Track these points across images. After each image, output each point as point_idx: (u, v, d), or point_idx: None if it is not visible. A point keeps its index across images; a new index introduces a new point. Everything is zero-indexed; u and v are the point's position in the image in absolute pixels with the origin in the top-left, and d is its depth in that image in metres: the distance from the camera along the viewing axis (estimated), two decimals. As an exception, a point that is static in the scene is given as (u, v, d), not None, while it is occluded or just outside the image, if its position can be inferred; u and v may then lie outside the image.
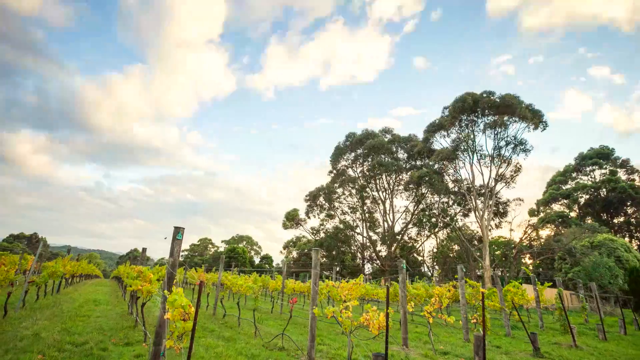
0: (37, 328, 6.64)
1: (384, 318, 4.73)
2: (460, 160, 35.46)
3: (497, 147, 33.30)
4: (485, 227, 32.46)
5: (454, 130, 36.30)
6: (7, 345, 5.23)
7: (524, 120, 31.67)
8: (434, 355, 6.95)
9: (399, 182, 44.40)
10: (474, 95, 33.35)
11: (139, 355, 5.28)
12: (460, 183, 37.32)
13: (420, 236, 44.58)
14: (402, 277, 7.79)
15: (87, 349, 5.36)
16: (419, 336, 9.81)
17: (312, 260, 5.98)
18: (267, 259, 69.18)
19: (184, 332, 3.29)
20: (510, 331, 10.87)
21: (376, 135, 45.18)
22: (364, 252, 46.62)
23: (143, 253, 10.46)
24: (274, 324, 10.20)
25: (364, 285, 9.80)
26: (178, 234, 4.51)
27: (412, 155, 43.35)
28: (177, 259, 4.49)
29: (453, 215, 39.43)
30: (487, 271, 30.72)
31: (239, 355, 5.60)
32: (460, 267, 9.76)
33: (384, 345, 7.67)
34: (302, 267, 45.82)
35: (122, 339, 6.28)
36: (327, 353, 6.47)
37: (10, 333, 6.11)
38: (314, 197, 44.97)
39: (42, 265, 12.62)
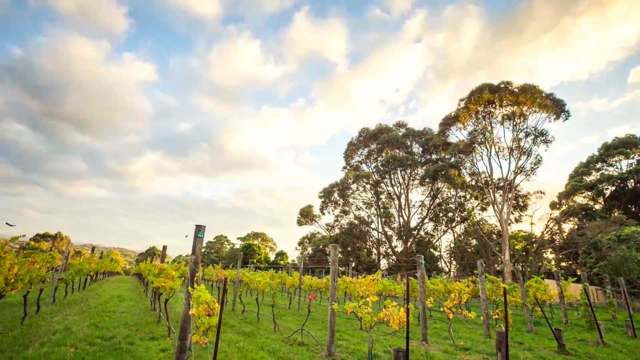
0: (67, 323, 6.95)
1: (404, 313, 4.71)
2: (478, 153, 34.65)
3: (516, 139, 32.35)
4: (505, 221, 31.69)
5: (470, 122, 35.48)
6: (42, 338, 5.49)
7: (544, 110, 30.62)
8: (454, 351, 6.88)
9: (414, 176, 43.84)
10: (491, 86, 32.46)
11: (164, 349, 5.45)
12: (477, 176, 36.52)
13: (436, 231, 43.98)
14: (421, 273, 7.72)
15: (115, 343, 5.56)
16: (438, 332, 9.72)
17: (330, 257, 6.00)
18: (282, 255, 69.83)
19: (209, 327, 3.37)
20: (532, 327, 10.62)
21: (390, 130, 44.67)
22: (379, 247, 46.40)
23: (163, 251, 10.74)
24: (292, 320, 10.31)
25: (382, 281, 9.77)
26: (199, 232, 4.60)
27: (427, 149, 42.67)
28: (199, 257, 4.59)
29: (470, 210, 38.66)
30: (506, 266, 30.04)
31: (260, 350, 5.69)
32: (480, 262, 9.58)
33: (404, 341, 7.64)
34: (317, 263, 46.02)
35: (148, 334, 6.49)
36: (346, 348, 6.49)
37: (44, 327, 6.41)
38: (328, 194, 44.98)
39: (68, 263, 13.16)
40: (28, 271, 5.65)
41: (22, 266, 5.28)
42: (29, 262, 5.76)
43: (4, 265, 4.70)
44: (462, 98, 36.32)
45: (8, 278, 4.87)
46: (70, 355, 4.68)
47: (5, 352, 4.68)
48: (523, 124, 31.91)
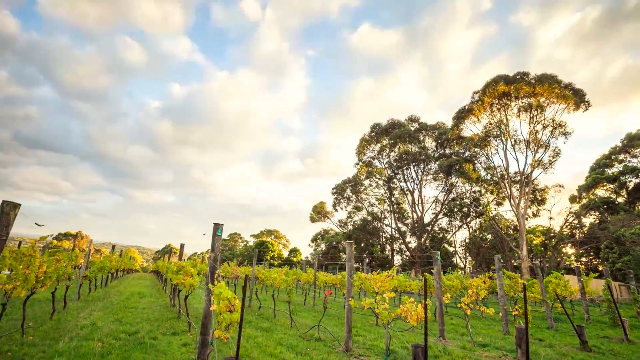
0: (93, 318, 7.21)
1: (422, 309, 4.70)
2: (493, 147, 33.92)
3: (534, 132, 31.50)
4: (522, 215, 31.00)
5: (485, 115, 34.72)
6: (70, 333, 5.73)
7: (563, 101, 29.68)
8: (472, 347, 6.82)
9: (427, 171, 43.32)
10: (506, 78, 31.65)
11: (185, 344, 5.59)
12: (493, 170, 35.78)
13: (451, 226, 43.40)
14: (437, 269, 7.66)
15: (139, 338, 5.75)
16: (455, 328, 9.64)
17: (347, 253, 6.02)
18: (296, 252, 70.30)
19: (231, 322, 3.44)
20: (553, 324, 10.40)
21: (402, 125, 44.18)
22: (392, 243, 46.15)
23: (181, 249, 10.99)
24: (307, 316, 10.41)
25: (397, 277, 9.74)
26: (218, 230, 4.69)
27: (440, 143, 42.05)
28: (218, 254, 4.68)
29: (486, 204, 37.96)
30: (524, 261, 29.42)
31: (278, 345, 5.78)
32: (497, 257, 9.43)
33: (421, 337, 7.63)
34: (330, 259, 46.14)
35: (169, 329, 6.68)
36: (363, 344, 6.52)
37: (71, 322, 6.68)
38: (341, 190, 44.94)
39: (90, 261, 13.62)
40: (55, 269, 5.88)
41: (50, 264, 5.50)
42: (55, 260, 6.00)
43: (34, 263, 4.92)
44: (476, 91, 35.55)
45: (38, 276, 5.09)
46: (98, 349, 4.87)
47: (38, 345, 4.91)
48: (540, 115, 31.04)
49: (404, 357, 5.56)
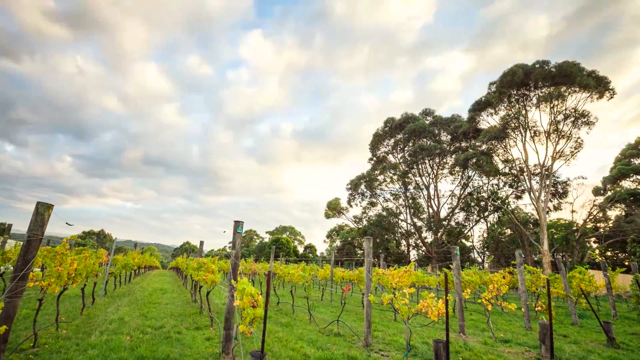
0: (120, 313, 7.50)
1: (442, 305, 4.67)
2: (511, 139, 32.98)
3: (554, 122, 30.44)
4: (542, 209, 30.12)
5: (502, 107, 33.79)
6: (100, 327, 5.99)
7: (585, 89, 28.53)
8: (494, 342, 6.73)
9: (443, 165, 42.63)
10: (524, 67, 30.66)
11: (209, 338, 5.75)
12: (511, 163, 34.86)
13: (468, 221, 42.63)
14: (457, 264, 7.58)
15: (164, 332, 5.95)
16: (475, 324, 9.52)
17: (364, 249, 6.04)
18: (311, 248, 70.67)
19: (254, 317, 3.53)
20: (577, 320, 10.13)
21: (416, 119, 43.54)
22: (408, 239, 45.77)
23: (200, 247, 11.25)
24: (325, 311, 10.50)
25: (415, 273, 9.68)
26: (238, 228, 4.80)
27: (456, 136, 41.23)
28: (239, 251, 4.78)
29: (504, 198, 37.09)
30: (545, 256, 28.65)
31: (299, 340, 5.87)
32: (518, 252, 9.24)
33: (440, 333, 7.59)
34: (346, 255, 46.20)
35: (192, 324, 6.88)
36: (382, 339, 6.54)
37: (100, 317, 6.97)
38: (355, 186, 44.80)
39: (113, 259, 14.12)
40: (84, 266, 6.14)
41: (80, 262, 5.75)
42: (84, 258, 6.26)
43: (65, 261, 5.15)
44: (493, 82, 34.62)
45: (69, 273, 5.33)
46: (127, 343, 5.08)
47: (72, 339, 5.16)
48: (561, 105, 29.94)
49: (424, 353, 5.55)
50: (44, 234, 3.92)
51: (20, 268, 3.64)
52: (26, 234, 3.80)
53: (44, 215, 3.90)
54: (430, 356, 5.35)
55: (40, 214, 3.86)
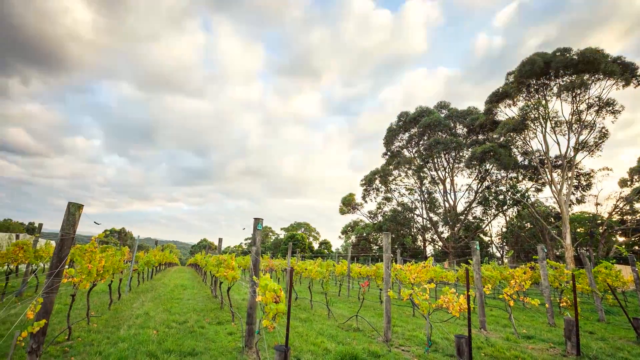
0: (145, 308, 7.77)
1: (464, 300, 4.63)
2: (531, 130, 31.95)
3: (576, 112, 29.29)
4: (564, 202, 29.16)
5: (521, 97, 32.75)
6: (128, 322, 6.23)
7: (610, 77, 27.29)
8: (517, 339, 6.62)
9: (459, 159, 41.78)
10: (544, 56, 29.58)
11: (231, 333, 5.90)
12: (531, 155, 33.82)
13: (486, 215, 41.72)
14: (477, 259, 7.47)
15: (188, 327, 6.14)
16: (496, 319, 9.38)
17: (383, 245, 6.03)
18: (326, 244, 70.87)
19: (277, 312, 3.60)
20: (603, 316, 9.82)
21: (431, 112, 42.77)
22: (424, 234, 45.25)
23: (219, 243, 11.47)
24: (343, 307, 10.55)
25: (434, 268, 9.59)
26: (258, 225, 4.88)
27: (472, 129, 40.32)
28: (259, 247, 4.87)
29: (524, 192, 36.06)
30: (568, 251, 27.78)
31: (319, 335, 5.94)
32: (541, 247, 9.01)
33: (460, 328, 7.51)
34: (361, 251, 46.12)
35: (214, 319, 7.06)
36: (402, 334, 6.54)
37: (127, 312, 7.25)
38: (370, 181, 44.54)
39: (135, 256, 14.60)
40: (111, 263, 6.38)
41: (107, 259, 5.98)
42: (111, 255, 6.50)
43: (95, 258, 5.37)
44: (511, 71, 33.58)
45: (98, 270, 5.55)
46: (154, 336, 5.26)
47: (102, 332, 5.39)
48: (584, 94, 28.75)
49: (445, 348, 5.52)
50: (75, 233, 4.10)
51: (55, 265, 3.82)
52: (59, 233, 3.99)
53: (75, 214, 4.07)
54: (451, 352, 5.31)
55: (71, 214, 4.04)
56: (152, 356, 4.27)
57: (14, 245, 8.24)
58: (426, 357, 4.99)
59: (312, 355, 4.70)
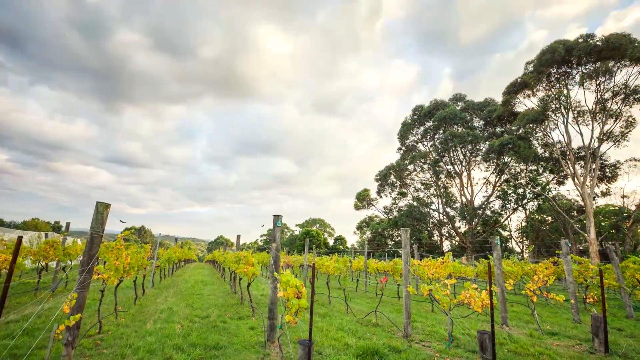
0: (169, 304, 8.01)
1: (486, 296, 4.57)
2: (552, 121, 30.88)
3: (601, 100, 28.10)
4: (588, 195, 28.13)
5: (540, 87, 31.65)
6: (153, 316, 6.44)
7: (638, 63, 26.01)
8: (540, 335, 6.48)
9: (476, 152, 40.87)
10: (566, 43, 28.46)
11: (252, 328, 6.01)
12: (552, 147, 32.73)
13: (505, 209, 40.74)
14: (497, 254, 7.33)
15: (211, 322, 6.30)
16: (518, 315, 9.20)
17: (402, 240, 6.00)
18: (341, 240, 70.93)
19: (299, 308, 3.65)
20: (632, 312, 9.47)
21: (446, 105, 41.95)
22: (441, 229, 44.64)
23: (238, 240, 11.66)
24: (361, 302, 10.57)
25: (452, 264, 9.47)
26: (277, 222, 4.94)
27: (490, 121, 39.33)
28: (279, 244, 4.93)
29: (545, 184, 35.00)
30: (592, 245, 26.83)
31: (339, 330, 5.99)
32: (564, 241, 8.76)
33: (480, 324, 7.41)
34: (376, 246, 45.92)
35: (235, 314, 7.21)
36: (422, 330, 6.51)
37: (151, 307, 7.49)
38: (384, 176, 44.20)
39: (157, 253, 15.03)
40: (136, 260, 6.60)
41: (132, 256, 6.19)
42: (136, 252, 6.72)
43: (121, 256, 5.57)
44: (530, 61, 32.48)
45: (124, 266, 5.76)
46: (179, 330, 5.43)
47: (130, 326, 5.60)
48: (609, 82, 27.52)
49: (467, 344, 5.47)
50: (104, 231, 4.26)
51: (86, 262, 3.99)
52: (89, 232, 4.16)
53: (103, 213, 4.23)
54: (473, 347, 5.26)
55: (100, 213, 4.20)
56: (179, 349, 4.42)
57: (45, 243, 8.63)
58: (448, 353, 4.95)
59: (334, 350, 4.75)
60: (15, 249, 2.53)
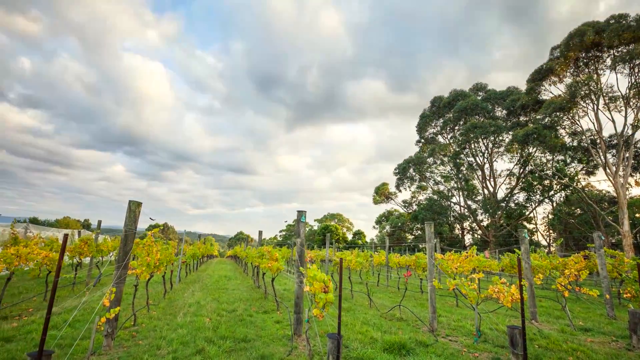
0: (196, 298, 8.27)
1: (516, 290, 4.46)
2: (580, 109, 29.41)
3: (635, 85, 26.49)
4: (621, 185, 26.72)
5: (568, 73, 30.21)
6: (183, 310, 6.68)
7: (675, 43, 24.33)
8: (573, 331, 6.27)
9: (499, 143, 39.56)
10: (595, 25, 26.94)
11: (278, 321, 6.13)
12: (580, 136, 31.21)
13: (530, 202, 39.36)
14: (525, 248, 7.12)
15: (237, 315, 6.46)
16: (547, 311, 8.92)
17: (426, 234, 5.93)
18: (360, 235, 70.77)
19: (326, 302, 3.69)
20: (672, 307, 8.99)
21: (467, 95, 40.77)
22: (462, 222, 43.70)
23: (259, 236, 11.85)
24: (383, 296, 10.55)
25: (477, 258, 9.27)
26: (302, 217, 4.98)
27: (513, 111, 37.91)
28: (304, 239, 4.98)
29: (573, 175, 33.52)
30: (626, 238, 25.54)
31: (363, 325, 6.01)
32: (597, 234, 8.39)
33: (508, 319, 7.24)
34: (396, 241, 45.51)
35: (260, 308, 7.36)
36: (447, 325, 6.44)
37: (180, 301, 7.77)
38: (403, 170, 43.60)
39: (180, 249, 15.50)
40: (165, 256, 6.85)
41: (162, 252, 6.42)
42: (165, 248, 6.97)
43: (152, 252, 5.80)
44: (556, 46, 31.01)
45: (155, 262, 5.99)
46: (208, 323, 5.61)
47: (162, 319, 5.83)
48: (644, 64, 25.91)
49: (495, 339, 5.37)
50: (136, 229, 4.44)
51: (122, 258, 4.18)
52: (123, 229, 4.35)
53: (135, 212, 4.41)
54: (501, 343, 5.16)
55: (132, 211, 4.38)
56: (210, 342, 4.57)
57: (80, 240, 9.08)
58: (476, 348, 4.88)
59: (360, 344, 4.78)
60: (62, 246, 2.69)
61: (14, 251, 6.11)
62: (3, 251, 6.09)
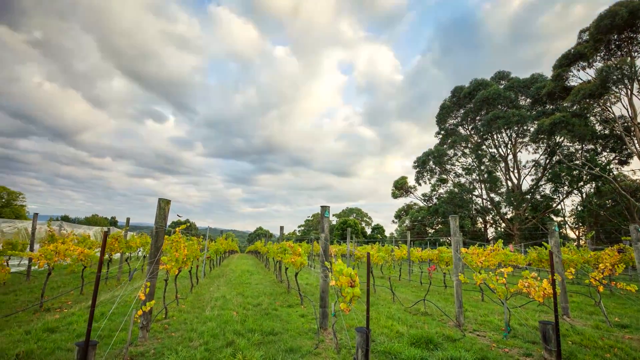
0: (221, 292, 8.49)
1: (548, 285, 4.31)
2: (612, 94, 27.83)
3: (673, 67, 24.81)
4: (658, 174, 25.20)
5: (598, 57, 28.61)
6: (210, 304, 6.88)
7: None
8: (608, 327, 6.01)
9: (523, 134, 38.11)
10: (629, 4, 25.31)
11: (302, 315, 6.21)
12: (612, 123, 29.60)
13: (557, 193, 37.79)
14: (555, 241, 6.86)
15: (263, 309, 6.59)
16: (579, 306, 8.59)
17: (451, 228, 5.82)
18: (379, 229, 70.29)
19: (353, 296, 3.70)
20: None
21: (488, 84, 39.40)
22: (485, 215, 42.56)
23: (281, 231, 11.99)
24: (405, 291, 10.48)
25: (503, 251, 9.01)
26: (325, 212, 5.00)
27: (538, 99, 36.34)
28: (328, 234, 5.00)
29: (604, 165, 31.88)
30: (664, 229, 24.10)
31: (388, 319, 6.00)
32: (634, 227, 7.95)
33: (538, 314, 7.03)
34: (416, 235, 44.92)
35: (284, 302, 7.48)
36: (474, 319, 6.32)
37: (206, 295, 8.00)
38: (423, 163, 42.85)
39: (204, 244, 15.90)
40: (192, 252, 7.06)
41: (189, 248, 6.62)
42: (191, 244, 7.18)
43: (180, 248, 5.99)
44: (584, 29, 29.44)
45: (182, 258, 6.19)
46: (235, 317, 5.76)
47: (190, 312, 6.04)
48: (683, 44, 24.18)
49: (525, 334, 5.23)
50: (166, 225, 4.59)
51: (153, 254, 4.34)
52: (154, 226, 4.51)
53: (165, 209, 4.56)
54: (532, 338, 5.02)
55: (162, 208, 4.53)
56: (239, 334, 4.69)
57: (111, 237, 9.49)
58: (505, 343, 4.78)
59: (386, 338, 4.77)
60: (102, 243, 2.82)
61: (53, 248, 6.46)
62: (43, 248, 6.46)
